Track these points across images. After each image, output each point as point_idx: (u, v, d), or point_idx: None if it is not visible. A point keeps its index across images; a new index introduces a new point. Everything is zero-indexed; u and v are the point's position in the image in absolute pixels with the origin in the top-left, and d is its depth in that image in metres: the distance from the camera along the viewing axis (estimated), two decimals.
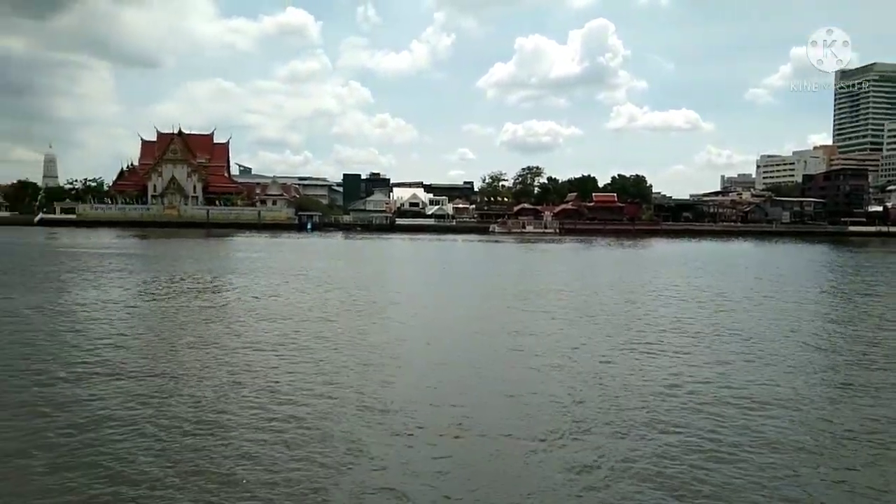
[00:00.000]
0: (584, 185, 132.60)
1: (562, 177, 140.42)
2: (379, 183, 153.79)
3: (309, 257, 42.80)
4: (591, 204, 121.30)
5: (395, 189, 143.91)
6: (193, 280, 26.84)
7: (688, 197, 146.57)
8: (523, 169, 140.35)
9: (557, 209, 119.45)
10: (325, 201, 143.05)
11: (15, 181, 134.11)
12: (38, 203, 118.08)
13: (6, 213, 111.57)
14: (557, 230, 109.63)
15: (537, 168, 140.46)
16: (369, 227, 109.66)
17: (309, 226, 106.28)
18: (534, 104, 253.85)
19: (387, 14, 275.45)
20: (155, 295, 22.33)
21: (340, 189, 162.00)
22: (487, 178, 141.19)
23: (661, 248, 66.62)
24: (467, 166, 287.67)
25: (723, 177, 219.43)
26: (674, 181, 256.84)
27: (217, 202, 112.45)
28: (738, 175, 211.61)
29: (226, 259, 41.43)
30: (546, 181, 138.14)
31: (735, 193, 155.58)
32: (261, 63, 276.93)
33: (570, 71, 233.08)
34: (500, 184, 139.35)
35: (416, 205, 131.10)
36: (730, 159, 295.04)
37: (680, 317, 18.91)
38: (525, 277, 31.52)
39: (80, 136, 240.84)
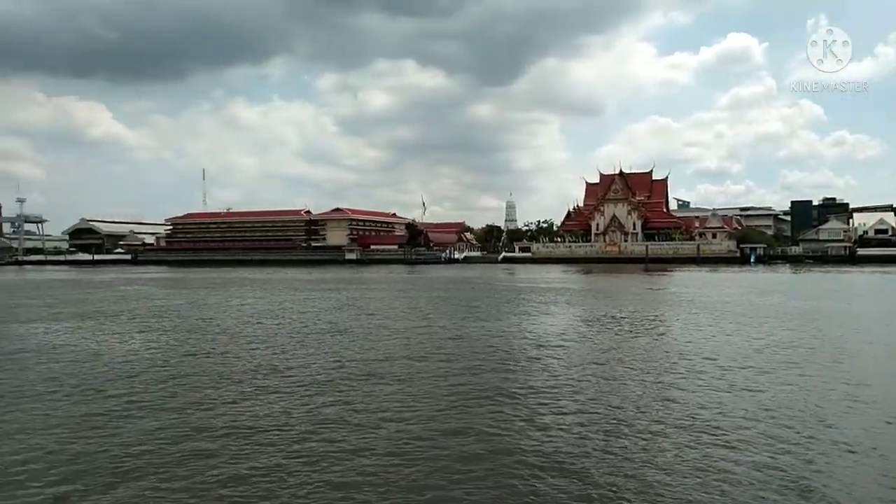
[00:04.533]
0: None
1: None
2: (834, 209, 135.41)
3: (751, 292, 39.89)
4: None
5: (855, 215, 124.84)
6: (630, 313, 27.53)
7: None
8: None
9: None
10: (769, 232, 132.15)
11: (484, 225, 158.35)
12: (501, 243, 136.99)
13: (478, 253, 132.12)
14: None
15: None
16: (823, 259, 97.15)
17: (752, 258, 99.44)
18: None
19: (842, 22, 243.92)
20: (596, 326, 23.62)
21: (787, 218, 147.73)
22: None
23: None
24: None
25: None
26: None
27: (656, 237, 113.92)
28: None
29: (661, 293, 41.47)
30: None
31: None
32: (699, 95, 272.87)
33: None
34: None
35: (885, 231, 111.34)
36: None
37: None
38: None
39: (535, 183, 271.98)
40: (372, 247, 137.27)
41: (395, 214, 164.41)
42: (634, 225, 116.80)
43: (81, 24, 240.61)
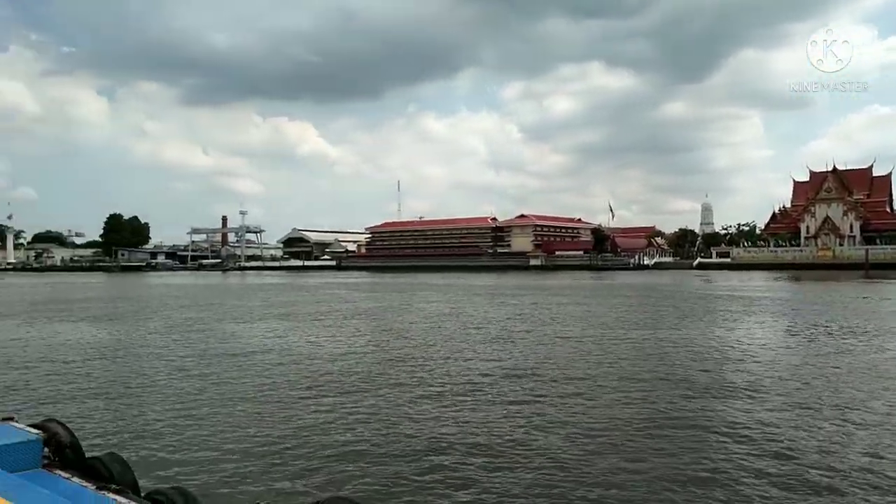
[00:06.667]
0: None
1: None
2: None
3: None
4: None
5: None
6: (847, 329, 24.62)
7: None
8: None
9: None
10: None
11: (677, 229, 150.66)
12: (695, 249, 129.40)
13: (670, 259, 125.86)
14: None
15: None
16: None
17: None
18: None
19: None
20: (805, 343, 21.51)
21: None
22: None
23: None
24: None
25: None
26: None
27: (878, 241, 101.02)
28: None
29: (887, 304, 36.64)
30: None
31: None
32: None
33: None
34: None
35: None
36: None
37: None
38: None
39: (733, 183, 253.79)
40: (556, 253, 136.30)
41: (580, 220, 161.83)
42: (851, 227, 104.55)
43: (290, 51, 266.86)
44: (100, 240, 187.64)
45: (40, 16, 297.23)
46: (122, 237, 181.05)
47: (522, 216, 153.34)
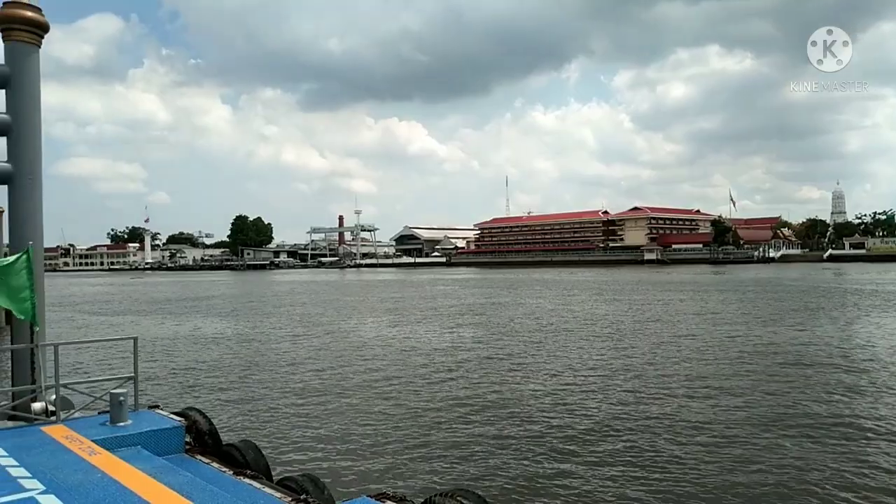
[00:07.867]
0: None
1: None
2: None
3: None
4: None
5: None
6: None
7: None
8: None
9: None
10: None
11: (805, 219, 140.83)
12: (826, 240, 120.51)
13: (798, 251, 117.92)
14: None
15: None
16: None
17: None
18: None
19: None
20: None
21: None
22: None
23: None
24: None
25: None
26: None
27: None
28: None
29: None
30: None
31: None
32: None
33: None
34: None
35: None
36: None
37: None
38: None
39: (868, 168, 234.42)
40: (673, 246, 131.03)
41: (698, 211, 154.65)
42: None
43: (400, 52, 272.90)
44: (227, 240, 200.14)
45: (171, 32, 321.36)
46: (248, 237, 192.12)
47: (636, 208, 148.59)
